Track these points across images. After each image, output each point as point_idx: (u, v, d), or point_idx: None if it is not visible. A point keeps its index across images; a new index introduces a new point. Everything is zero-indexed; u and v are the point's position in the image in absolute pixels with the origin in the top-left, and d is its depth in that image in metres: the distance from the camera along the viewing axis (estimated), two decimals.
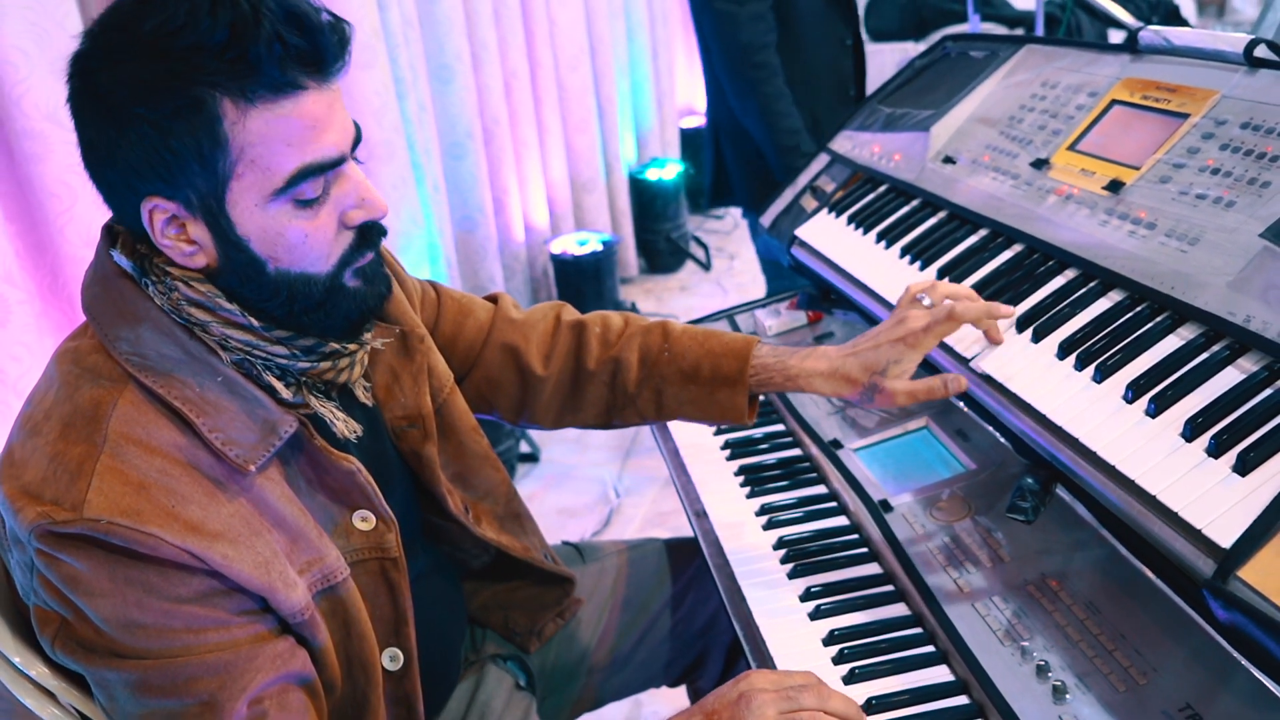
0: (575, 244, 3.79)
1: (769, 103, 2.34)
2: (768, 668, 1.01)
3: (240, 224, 0.83)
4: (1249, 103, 1.13)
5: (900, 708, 0.95)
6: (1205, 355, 0.97)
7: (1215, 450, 0.88)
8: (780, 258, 1.70)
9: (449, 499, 1.13)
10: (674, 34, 5.03)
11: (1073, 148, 1.30)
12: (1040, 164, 1.32)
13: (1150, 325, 1.03)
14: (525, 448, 3.11)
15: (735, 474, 1.36)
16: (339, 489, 0.96)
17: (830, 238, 1.57)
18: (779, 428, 1.45)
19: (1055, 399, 1.04)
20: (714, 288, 4.42)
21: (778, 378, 1.16)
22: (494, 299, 1.28)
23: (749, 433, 1.44)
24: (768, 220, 1.77)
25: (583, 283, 3.74)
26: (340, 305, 0.90)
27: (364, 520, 0.97)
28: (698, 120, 5.16)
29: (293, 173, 0.82)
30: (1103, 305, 1.10)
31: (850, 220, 1.56)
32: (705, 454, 1.41)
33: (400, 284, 1.13)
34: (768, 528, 1.23)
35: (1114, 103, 1.30)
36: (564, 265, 3.76)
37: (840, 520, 1.23)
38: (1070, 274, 1.17)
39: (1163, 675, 0.88)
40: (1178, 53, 1.28)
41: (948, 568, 1.07)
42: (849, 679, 0.99)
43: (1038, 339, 1.12)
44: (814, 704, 0.87)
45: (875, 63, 4.43)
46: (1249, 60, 1.16)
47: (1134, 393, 0.97)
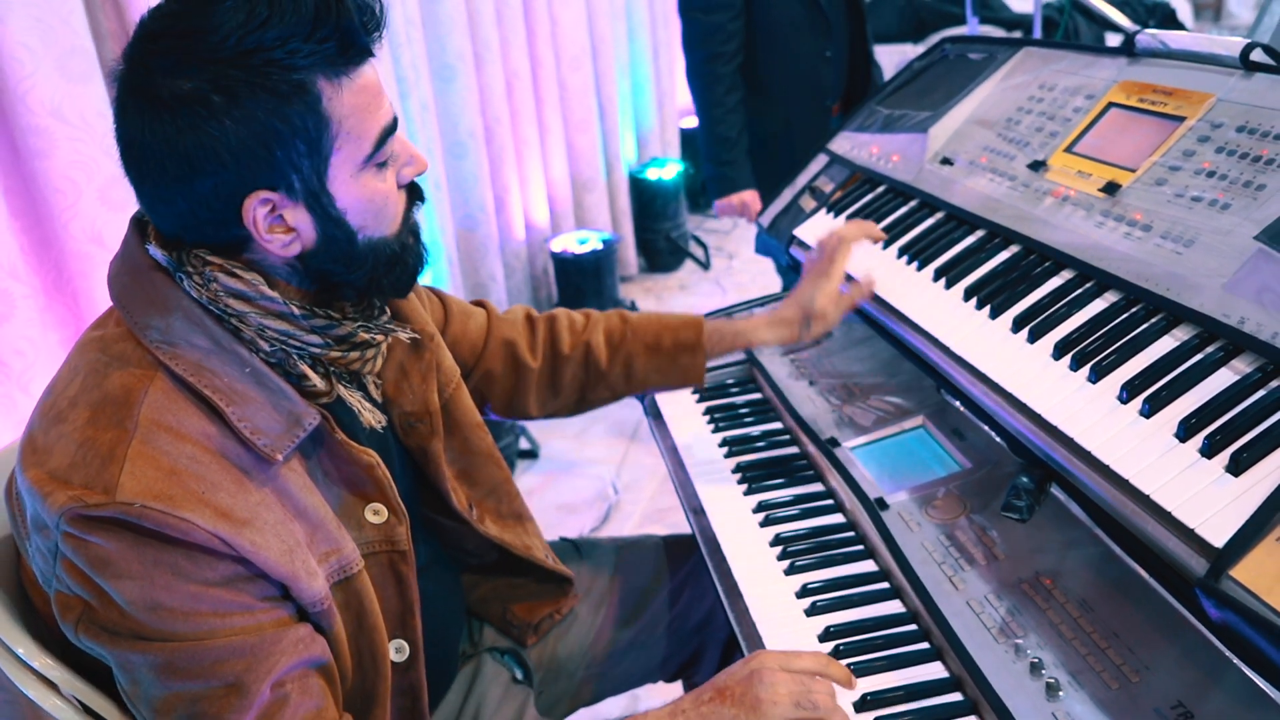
0: (576, 242, 3.80)
1: (709, 108, 2.51)
2: None
3: (340, 197, 0.88)
4: (1245, 106, 1.13)
5: (895, 704, 0.96)
6: (1199, 356, 0.97)
7: (1208, 450, 0.88)
8: (779, 257, 1.71)
9: (453, 495, 1.15)
10: (675, 35, 5.01)
11: (1070, 150, 1.31)
12: (1037, 166, 1.33)
13: (1145, 326, 1.04)
14: (525, 444, 3.12)
15: (733, 472, 1.36)
16: (355, 481, 0.98)
17: None
18: (776, 426, 1.45)
19: (1051, 399, 1.05)
20: (713, 287, 4.43)
21: (729, 338, 1.35)
22: (481, 304, 1.36)
23: (746, 430, 1.45)
24: (767, 220, 1.78)
25: (583, 281, 3.75)
26: (409, 260, 0.97)
27: (376, 513, 0.99)
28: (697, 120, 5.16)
29: (377, 136, 0.88)
30: (1098, 306, 1.11)
31: (849, 221, 1.57)
32: (703, 452, 1.42)
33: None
34: (764, 525, 1.24)
35: (1111, 105, 1.31)
36: (564, 263, 3.77)
37: (837, 518, 1.24)
38: (1066, 275, 1.18)
39: (1155, 673, 0.88)
40: (1174, 56, 1.29)
41: (943, 565, 1.07)
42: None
43: (1034, 339, 1.12)
44: (828, 704, 0.90)
45: None
46: (1245, 64, 1.17)
47: (1129, 393, 0.98)
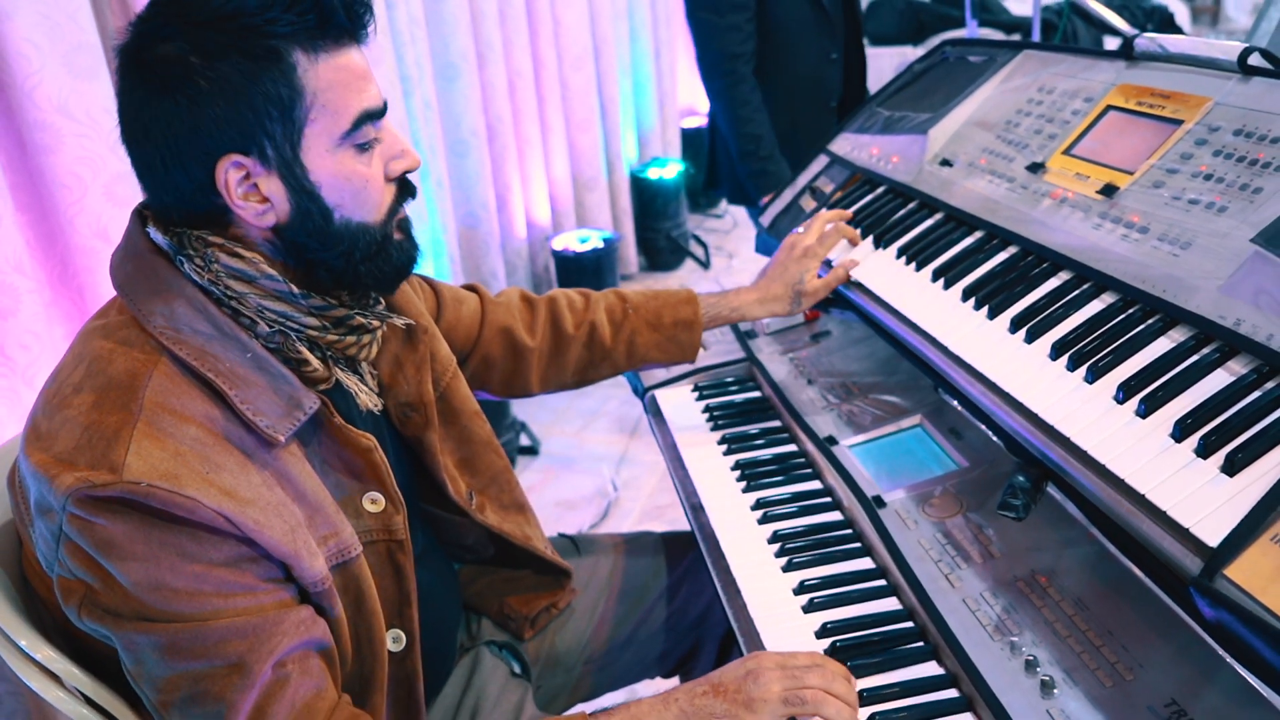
0: (577, 241, 3.81)
1: (734, 108, 2.48)
2: None
3: (313, 170, 0.90)
4: (1242, 110, 1.14)
5: (891, 700, 0.96)
6: (1196, 357, 0.98)
7: (1204, 451, 0.89)
8: None
9: (451, 485, 1.16)
10: (676, 36, 5.05)
11: (1068, 152, 1.31)
12: (1036, 168, 1.33)
13: (1142, 327, 1.04)
14: (525, 440, 3.13)
15: (731, 469, 1.37)
16: (353, 468, 0.99)
17: None
18: (775, 424, 1.46)
19: (1047, 398, 1.05)
20: (713, 285, 4.41)
21: (725, 312, 1.42)
22: (473, 288, 1.37)
23: (745, 428, 1.46)
24: (767, 220, 1.79)
25: (584, 279, 3.75)
26: (391, 255, 0.98)
27: (373, 502, 1.00)
28: (698, 120, 5.18)
29: (357, 115, 0.90)
30: (1095, 307, 1.11)
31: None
32: (702, 449, 1.43)
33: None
34: (763, 522, 1.25)
35: (1109, 108, 1.31)
36: (565, 262, 3.77)
37: (834, 515, 1.24)
38: (1064, 276, 1.18)
39: (1149, 671, 0.89)
40: (1172, 60, 1.30)
41: (939, 563, 1.08)
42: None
43: (1031, 339, 1.13)
44: (819, 683, 0.90)
45: (874, 66, 4.44)
46: (1242, 68, 1.18)
47: (1125, 393, 0.99)
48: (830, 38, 2.56)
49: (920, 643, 1.02)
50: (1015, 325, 1.16)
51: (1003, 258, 1.28)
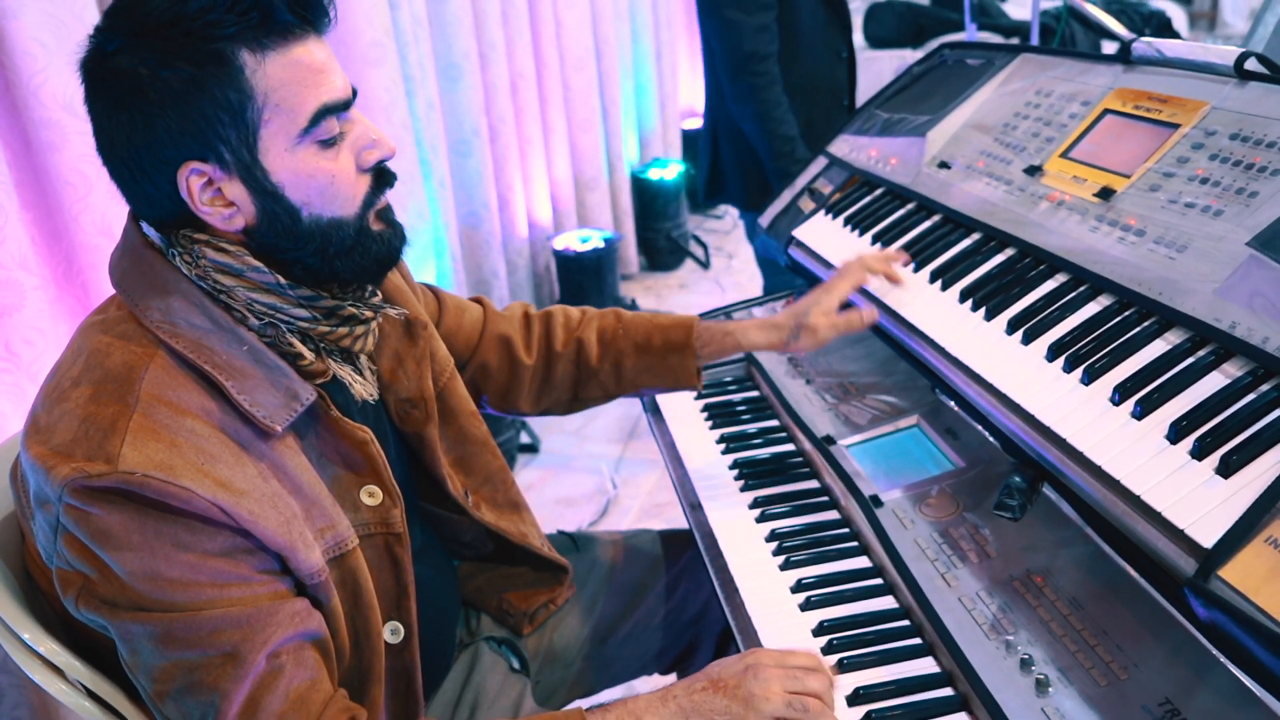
0: (578, 241, 3.82)
1: (767, 109, 2.43)
2: None
3: (274, 171, 0.88)
4: (1238, 114, 1.15)
5: (887, 698, 0.97)
6: (1191, 360, 0.98)
7: (1199, 453, 0.89)
8: (778, 257, 1.72)
9: (449, 482, 1.16)
10: (678, 37, 5.06)
11: (1065, 155, 1.32)
12: (1033, 170, 1.34)
13: (1138, 330, 1.05)
14: (525, 438, 3.14)
15: (730, 468, 1.38)
16: (351, 461, 0.99)
17: (827, 239, 1.59)
18: (773, 423, 1.47)
19: (1044, 400, 1.06)
20: (712, 286, 4.44)
21: (719, 339, 1.32)
22: (478, 300, 1.36)
23: (744, 428, 1.46)
24: (766, 221, 1.79)
25: (584, 279, 3.76)
26: (370, 247, 0.95)
27: (371, 495, 1.00)
28: (699, 122, 5.16)
29: (314, 111, 0.88)
30: (1092, 309, 1.12)
31: (847, 222, 1.58)
32: (701, 448, 1.43)
33: (405, 280, 1.19)
34: (760, 520, 1.25)
35: (1106, 112, 1.32)
36: (566, 261, 3.78)
37: (831, 514, 1.25)
38: (1061, 278, 1.19)
39: (1143, 670, 0.90)
40: (1169, 64, 1.30)
41: (935, 562, 1.09)
42: (838, 669, 1.01)
43: (1028, 341, 1.14)
44: (819, 689, 0.91)
45: (874, 69, 4.47)
46: (1239, 73, 1.18)
47: (1121, 395, 0.99)
48: (841, 36, 2.57)
49: (916, 641, 1.03)
50: (1012, 327, 1.17)
51: (1000, 259, 1.29)
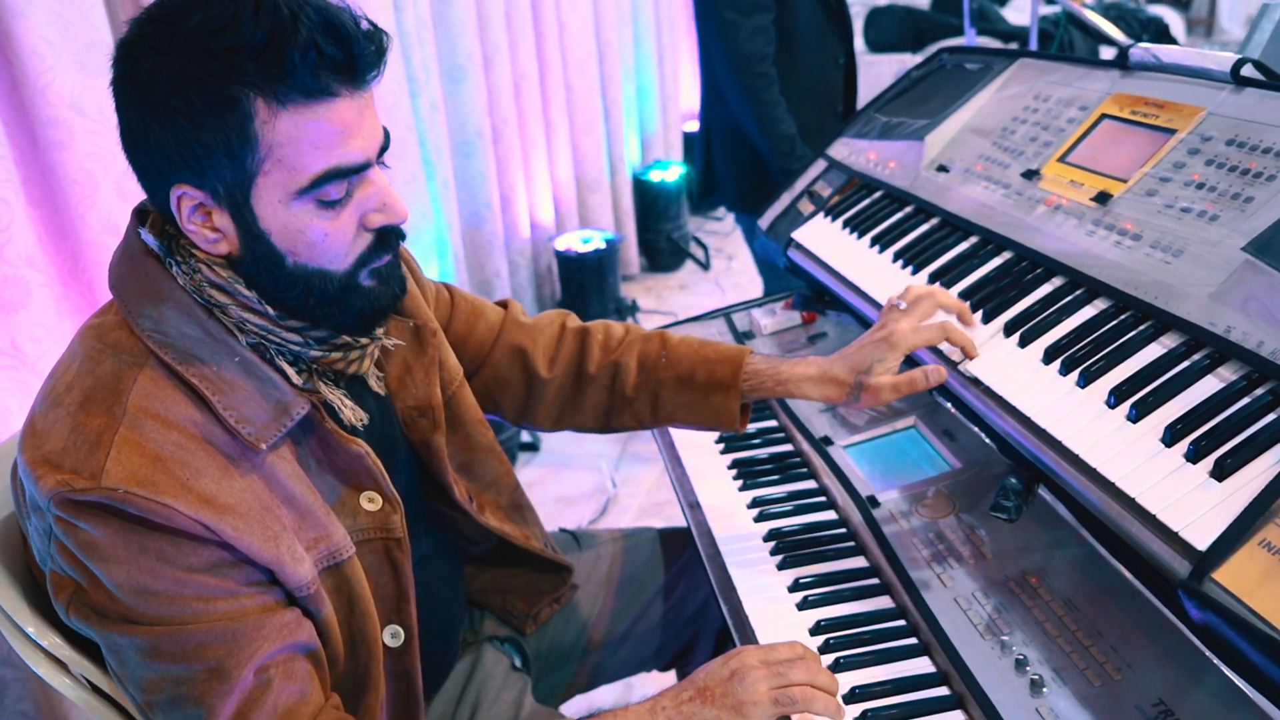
0: (579, 241, 3.83)
1: (766, 110, 2.45)
2: None
3: (263, 218, 0.86)
4: (1235, 120, 1.15)
5: (883, 697, 0.97)
6: (1186, 364, 0.99)
7: (1194, 456, 0.90)
8: (777, 259, 1.72)
9: (454, 488, 1.16)
10: (679, 40, 5.07)
11: (1063, 159, 1.33)
12: (1031, 174, 1.35)
13: (1133, 333, 1.06)
14: (526, 437, 3.15)
15: (728, 467, 1.38)
16: (347, 470, 0.98)
17: (825, 241, 1.60)
18: (771, 424, 1.47)
19: (1040, 402, 1.06)
20: (712, 287, 4.45)
21: (769, 382, 1.19)
22: (504, 304, 1.31)
23: None
24: (765, 223, 1.80)
25: (585, 279, 3.77)
26: (354, 303, 0.92)
27: (370, 501, 1.00)
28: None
29: (318, 174, 0.85)
30: (1088, 313, 1.12)
31: (845, 225, 1.59)
32: (700, 447, 1.44)
33: (416, 282, 1.17)
34: (759, 520, 1.26)
35: (1104, 117, 1.32)
36: (568, 262, 3.79)
37: (829, 514, 1.26)
38: (1057, 282, 1.19)
39: (1137, 671, 0.90)
40: (1167, 70, 1.31)
41: (931, 563, 1.09)
42: (834, 668, 1.01)
43: (1024, 344, 1.14)
44: (804, 678, 0.90)
45: (873, 73, 4.47)
46: (1235, 79, 1.19)
47: (1116, 398, 1.00)
48: (838, 42, 2.58)
49: (912, 640, 1.03)
50: (1009, 330, 1.17)
51: (997, 263, 1.29)
